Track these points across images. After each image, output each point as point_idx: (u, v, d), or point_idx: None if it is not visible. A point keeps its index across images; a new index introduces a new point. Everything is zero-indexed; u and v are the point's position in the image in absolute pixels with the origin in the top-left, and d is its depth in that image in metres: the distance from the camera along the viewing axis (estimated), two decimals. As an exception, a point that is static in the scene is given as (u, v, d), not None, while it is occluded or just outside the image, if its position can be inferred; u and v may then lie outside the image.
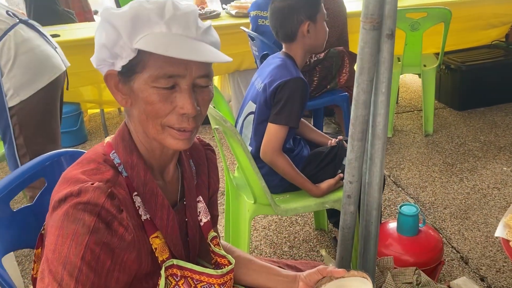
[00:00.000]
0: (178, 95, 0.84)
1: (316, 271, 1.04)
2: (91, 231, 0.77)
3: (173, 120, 0.85)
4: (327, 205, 1.76)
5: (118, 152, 0.90)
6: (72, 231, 0.77)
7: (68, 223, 0.77)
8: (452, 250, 2.16)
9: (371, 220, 1.36)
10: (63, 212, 0.78)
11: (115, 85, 0.88)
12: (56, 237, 0.78)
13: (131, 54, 0.83)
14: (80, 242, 0.77)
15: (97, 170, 0.85)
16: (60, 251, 0.77)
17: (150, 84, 0.83)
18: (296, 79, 1.68)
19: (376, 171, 1.28)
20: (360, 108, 1.18)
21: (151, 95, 0.83)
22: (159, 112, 0.84)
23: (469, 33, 4.00)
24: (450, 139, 3.24)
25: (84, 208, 0.78)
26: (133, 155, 0.90)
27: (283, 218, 2.47)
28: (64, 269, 0.76)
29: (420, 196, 2.60)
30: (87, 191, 0.80)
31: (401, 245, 1.77)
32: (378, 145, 1.25)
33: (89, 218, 0.78)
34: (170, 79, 0.83)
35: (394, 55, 1.17)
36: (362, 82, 1.15)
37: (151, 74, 0.83)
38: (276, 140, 1.69)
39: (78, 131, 3.51)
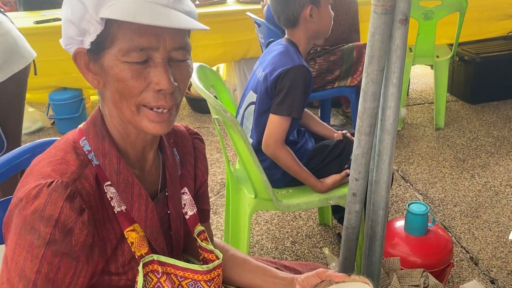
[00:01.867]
0: (152, 70, 0.77)
1: (314, 274, 0.97)
2: (47, 243, 0.72)
3: (148, 98, 0.78)
4: (331, 201, 1.67)
5: (88, 139, 0.83)
6: (28, 243, 0.72)
7: (24, 232, 0.72)
8: (462, 250, 2.07)
9: (377, 220, 1.28)
10: (21, 219, 0.73)
11: (85, 64, 0.81)
12: (14, 244, 0.73)
13: (98, 28, 0.75)
14: (35, 255, 0.72)
15: (62, 160, 0.79)
16: (17, 261, 0.73)
17: (120, 59, 0.76)
18: (298, 67, 1.59)
19: (384, 168, 1.19)
20: (368, 100, 1.09)
21: (122, 71, 0.76)
22: (132, 90, 0.77)
23: (484, 23, 3.85)
24: (461, 134, 3.12)
25: (39, 217, 0.72)
26: (105, 141, 0.83)
27: (286, 213, 2.39)
28: (20, 282, 0.73)
29: (429, 192, 2.50)
30: (43, 195, 0.73)
31: (409, 245, 1.69)
32: (387, 140, 1.16)
33: (44, 229, 0.72)
34: (141, 52, 0.75)
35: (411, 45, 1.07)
36: (372, 72, 1.06)
37: (120, 47, 0.75)
38: (278, 132, 1.60)
39: (80, 117, 3.44)
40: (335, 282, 0.95)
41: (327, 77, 2.55)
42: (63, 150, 0.81)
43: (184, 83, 0.81)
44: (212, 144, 3.16)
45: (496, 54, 3.48)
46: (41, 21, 3.19)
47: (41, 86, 3.43)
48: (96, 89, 0.84)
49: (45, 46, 3.20)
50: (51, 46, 3.22)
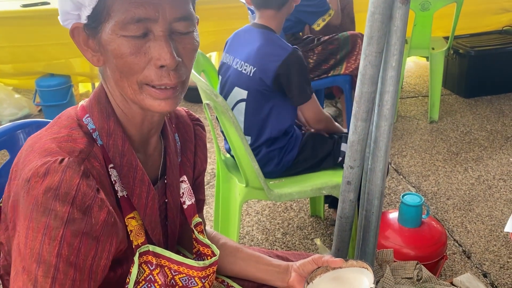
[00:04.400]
0: (152, 44, 0.70)
1: (310, 261, 0.93)
2: (65, 223, 0.65)
3: (151, 75, 0.71)
4: (324, 191, 1.63)
5: (92, 116, 0.76)
6: (43, 225, 0.65)
7: (37, 214, 0.65)
8: (454, 243, 2.04)
9: (372, 210, 1.24)
10: (31, 200, 0.65)
11: (84, 41, 0.75)
12: (26, 229, 0.65)
13: (93, 0, 0.69)
14: (53, 237, 0.65)
15: (68, 137, 0.72)
16: (32, 246, 0.65)
17: (117, 33, 0.70)
18: (292, 53, 1.58)
19: (380, 156, 1.15)
20: (366, 84, 1.05)
21: (120, 46, 0.70)
22: (132, 67, 0.71)
23: (479, 17, 3.83)
24: (455, 127, 3.10)
25: (54, 196, 0.65)
26: (110, 120, 0.76)
27: (277, 203, 2.34)
28: (39, 268, 0.64)
29: (422, 185, 2.47)
30: (55, 172, 0.66)
31: (402, 237, 1.65)
32: (384, 127, 1.11)
33: (61, 208, 0.65)
34: (139, 24, 0.69)
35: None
36: (370, 54, 1.01)
37: (117, 20, 0.69)
38: (317, 112, 1.70)
39: (68, 104, 3.36)
40: (332, 268, 0.91)
41: (323, 66, 2.50)
42: (68, 127, 0.74)
43: (189, 57, 0.75)
44: (203, 134, 3.10)
45: (490, 48, 3.45)
46: (28, 5, 3.10)
47: (28, 71, 3.34)
48: (97, 67, 0.77)
49: (32, 31, 3.12)
50: (38, 31, 3.16)
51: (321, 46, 2.49)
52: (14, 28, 3.10)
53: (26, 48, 3.20)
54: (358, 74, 1.06)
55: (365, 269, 0.88)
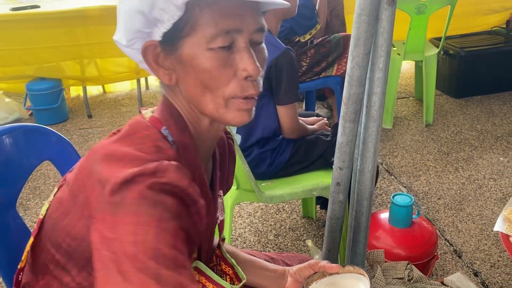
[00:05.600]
0: (237, 55, 0.71)
1: (307, 266, 0.93)
2: (175, 216, 0.64)
3: (236, 88, 0.71)
4: (315, 192, 1.63)
5: (170, 129, 0.75)
6: (156, 217, 0.61)
7: (146, 207, 0.61)
8: (445, 243, 2.05)
9: (361, 211, 1.24)
10: (136, 195, 0.62)
11: (154, 59, 0.73)
12: (134, 225, 0.61)
13: (176, 14, 0.68)
14: (166, 228, 0.62)
15: (157, 148, 0.70)
16: (145, 241, 0.60)
17: (205, 47, 0.69)
18: (285, 52, 1.59)
19: (369, 157, 1.16)
20: (354, 85, 1.05)
21: (208, 60, 0.69)
22: (220, 80, 0.71)
23: (469, 18, 3.86)
24: (446, 127, 3.12)
25: (162, 188, 0.64)
26: (185, 134, 0.76)
27: (270, 205, 2.34)
28: (158, 264, 0.59)
29: (413, 185, 2.49)
30: (166, 171, 0.65)
31: (393, 237, 1.66)
32: (372, 128, 1.12)
33: (170, 201, 0.64)
34: (227, 36, 0.69)
35: (399, 40, 1.03)
36: (357, 55, 1.02)
37: (204, 33, 0.68)
38: (295, 118, 1.68)
39: (59, 108, 3.35)
40: (329, 273, 0.91)
41: (315, 68, 2.52)
42: (151, 138, 0.72)
43: (263, 66, 0.76)
44: (195, 136, 3.10)
45: (480, 48, 3.48)
46: (18, 8, 3.08)
47: (18, 75, 3.32)
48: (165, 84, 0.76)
49: (22, 34, 3.11)
50: (28, 34, 3.15)
51: (314, 49, 2.51)
52: (4, 31, 3.09)
53: (16, 52, 3.18)
54: (346, 76, 1.06)
55: (362, 276, 0.89)
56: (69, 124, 3.37)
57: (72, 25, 3.11)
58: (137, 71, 3.42)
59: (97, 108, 3.63)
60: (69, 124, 3.37)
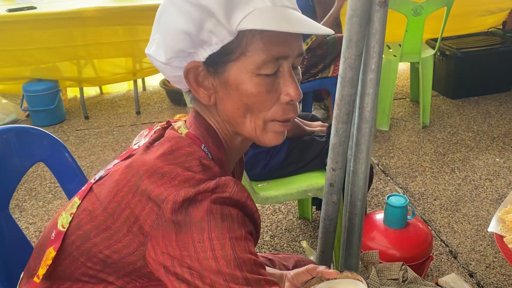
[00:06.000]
0: (282, 80, 0.73)
1: (305, 271, 0.94)
2: (241, 224, 0.69)
3: (278, 112, 0.74)
4: (310, 193, 1.63)
5: (208, 147, 0.76)
6: (226, 229, 0.66)
7: (216, 222, 0.66)
8: (441, 243, 2.06)
9: (355, 212, 1.24)
10: (203, 212, 0.66)
11: (196, 79, 0.74)
12: (209, 241, 0.65)
13: (226, 38, 0.69)
14: (239, 237, 0.67)
15: (203, 167, 0.71)
16: (224, 255, 0.65)
17: (254, 72, 0.71)
18: None
19: (362, 158, 1.16)
20: (346, 86, 1.05)
21: (256, 85, 0.71)
22: (264, 104, 0.73)
23: (465, 19, 3.87)
24: (442, 128, 3.12)
25: (226, 202, 0.68)
26: (221, 151, 0.78)
27: (266, 206, 2.34)
28: (243, 271, 0.66)
29: (409, 186, 2.49)
30: (226, 186, 0.69)
31: (388, 238, 1.66)
32: (365, 129, 1.12)
33: (235, 211, 0.69)
34: (276, 62, 0.71)
35: (395, 41, 1.03)
36: (349, 57, 1.02)
37: (255, 59, 0.70)
38: None
39: (55, 109, 3.35)
40: (326, 278, 0.91)
41: (312, 70, 2.53)
42: (195, 156, 0.72)
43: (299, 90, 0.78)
44: (191, 137, 3.10)
45: (476, 49, 3.48)
46: (15, 9, 3.08)
47: (15, 76, 3.32)
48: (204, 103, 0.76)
49: (19, 35, 3.11)
50: (25, 35, 3.14)
51: (311, 53, 2.52)
52: (0, 32, 3.09)
53: (12, 53, 3.18)
54: (338, 77, 1.07)
55: (359, 282, 0.89)
56: (65, 125, 3.36)
57: (68, 26, 3.11)
58: (134, 72, 3.42)
59: (94, 109, 3.63)
60: (65, 125, 3.36)
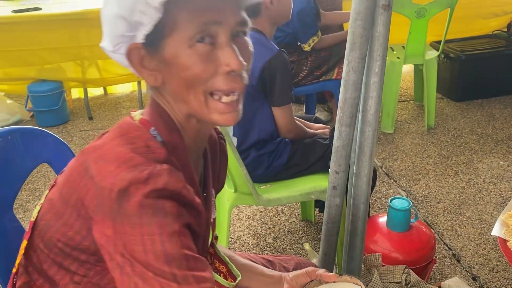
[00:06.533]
0: (219, 51, 0.71)
1: (304, 273, 0.93)
2: (176, 217, 0.67)
3: (218, 82, 0.72)
4: (313, 196, 1.63)
5: (159, 129, 0.76)
6: (157, 225, 0.65)
7: (147, 217, 0.65)
8: (444, 247, 2.05)
9: (358, 215, 1.24)
10: (135, 207, 0.65)
11: (140, 61, 0.74)
12: (140, 236, 0.65)
13: (155, 16, 0.69)
14: (171, 232, 0.66)
15: (147, 148, 0.71)
16: (154, 250, 0.65)
17: (187, 44, 0.70)
18: (278, 54, 1.61)
19: (365, 161, 1.16)
20: (349, 89, 1.05)
21: (190, 57, 0.70)
22: (202, 76, 0.71)
23: (470, 21, 3.86)
24: (446, 131, 3.11)
25: (159, 195, 0.66)
26: (174, 134, 0.77)
27: (269, 208, 2.34)
28: (171, 267, 0.65)
29: (412, 189, 2.48)
30: (159, 175, 0.67)
31: (391, 241, 1.66)
32: (368, 132, 1.12)
33: (168, 204, 0.67)
34: (206, 29, 0.70)
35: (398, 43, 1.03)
36: (353, 60, 1.02)
37: (184, 31, 0.70)
38: (290, 119, 1.70)
39: (59, 110, 3.35)
40: (325, 281, 0.91)
41: (315, 72, 2.53)
42: (142, 138, 0.73)
43: (248, 60, 0.75)
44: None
45: (481, 52, 3.47)
46: (20, 10, 3.10)
47: (20, 77, 3.34)
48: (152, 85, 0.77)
49: (24, 36, 3.12)
50: (30, 36, 3.16)
51: (315, 54, 2.52)
52: (6, 33, 3.11)
53: (17, 53, 3.20)
54: (341, 80, 1.07)
55: (358, 286, 0.90)
56: (70, 126, 3.37)
57: (73, 27, 3.12)
58: (138, 73, 3.43)
59: (98, 110, 3.64)
60: (70, 126, 3.37)
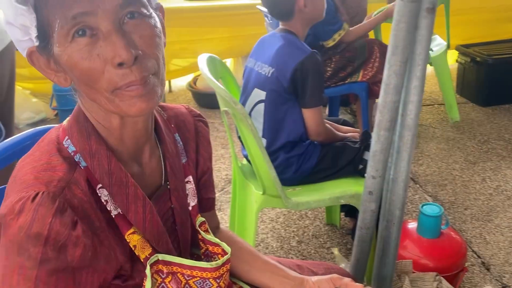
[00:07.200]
0: (103, 42, 0.64)
1: (328, 280, 0.91)
2: (39, 263, 0.64)
3: (113, 78, 0.65)
4: (342, 200, 1.61)
5: (72, 138, 0.72)
6: (18, 265, 0.64)
7: (13, 253, 0.64)
8: (473, 254, 2.01)
9: (393, 221, 1.22)
10: (7, 239, 0.65)
11: (44, 64, 0.69)
12: (3, 266, 0.65)
13: (31, 17, 0.65)
14: (28, 277, 0.64)
15: (48, 165, 0.69)
16: (10, 284, 0.64)
17: (65, 42, 0.64)
18: (309, 56, 1.59)
19: (403, 166, 1.14)
20: (390, 93, 1.03)
21: (71, 55, 0.64)
22: (91, 74, 0.65)
23: (496, 25, 3.79)
24: (472, 136, 3.06)
25: (27, 237, 0.64)
26: (91, 139, 0.72)
27: (292, 211, 2.33)
28: None
29: (439, 194, 2.44)
30: (28, 211, 0.64)
31: (421, 247, 1.63)
32: (407, 137, 1.10)
33: (34, 250, 0.64)
34: (80, 24, 0.63)
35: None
36: (395, 63, 1.00)
37: (60, 27, 0.63)
38: (320, 121, 1.66)
39: (83, 109, 3.39)
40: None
41: (340, 74, 2.50)
42: (47, 153, 0.71)
43: (150, 45, 0.67)
44: (217, 139, 3.10)
45: (508, 56, 3.40)
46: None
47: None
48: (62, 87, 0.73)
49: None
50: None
51: (339, 54, 2.49)
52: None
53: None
54: (381, 84, 1.05)
55: None
56: (93, 125, 3.41)
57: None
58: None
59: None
60: (93, 125, 3.41)
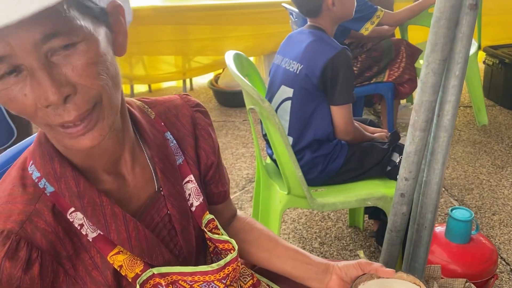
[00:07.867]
0: (30, 81, 0.57)
1: (355, 265, 0.86)
2: None
3: (47, 117, 0.59)
4: (369, 202, 1.58)
5: (35, 163, 0.68)
6: None
7: None
8: (501, 261, 1.95)
9: (424, 224, 1.18)
10: None
11: None
12: None
13: None
14: None
15: (9, 197, 0.66)
16: None
17: None
18: (340, 53, 1.56)
19: (437, 169, 1.10)
20: (427, 92, 1.00)
21: (1, 94, 0.58)
22: (25, 113, 0.59)
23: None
24: (500, 140, 2.98)
25: None
26: (54, 162, 0.68)
27: (314, 212, 2.30)
28: None
29: (465, 198, 2.38)
30: None
31: (450, 253, 1.58)
32: (443, 138, 1.06)
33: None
34: (3, 64, 0.55)
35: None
36: (433, 61, 0.96)
37: None
38: (349, 119, 1.63)
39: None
40: (377, 276, 0.84)
41: (366, 73, 2.46)
42: (11, 182, 0.68)
43: (86, 75, 0.58)
44: (238, 138, 3.08)
45: (539, 58, 3.31)
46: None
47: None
48: None
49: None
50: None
51: (365, 54, 2.45)
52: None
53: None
54: (419, 82, 1.01)
55: (417, 286, 0.83)
56: (115, 121, 3.42)
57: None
58: (183, 71, 3.45)
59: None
60: (115, 121, 3.42)
